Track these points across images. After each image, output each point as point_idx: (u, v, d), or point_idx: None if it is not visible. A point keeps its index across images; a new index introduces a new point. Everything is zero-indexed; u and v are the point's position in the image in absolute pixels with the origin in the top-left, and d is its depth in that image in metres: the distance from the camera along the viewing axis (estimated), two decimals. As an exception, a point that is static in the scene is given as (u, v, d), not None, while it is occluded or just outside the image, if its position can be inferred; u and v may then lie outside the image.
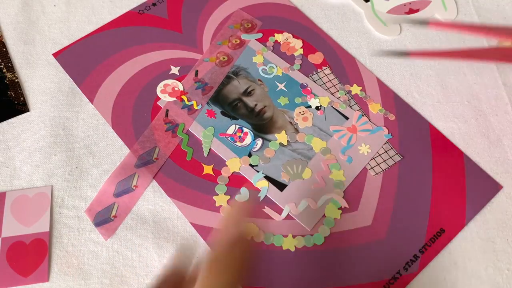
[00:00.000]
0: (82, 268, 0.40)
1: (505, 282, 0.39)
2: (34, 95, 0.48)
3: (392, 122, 0.47)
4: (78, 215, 0.42)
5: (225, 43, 0.52)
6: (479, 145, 0.46)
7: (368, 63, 0.51)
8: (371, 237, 0.41)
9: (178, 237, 0.41)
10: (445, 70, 0.50)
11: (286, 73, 0.50)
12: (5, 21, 0.53)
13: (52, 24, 0.53)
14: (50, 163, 0.44)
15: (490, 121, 0.47)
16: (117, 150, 0.45)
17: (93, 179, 0.44)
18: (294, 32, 0.53)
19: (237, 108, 0.48)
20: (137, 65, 0.50)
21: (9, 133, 0.46)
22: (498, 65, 0.50)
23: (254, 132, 0.46)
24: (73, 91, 0.49)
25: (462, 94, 0.49)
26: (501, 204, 0.43)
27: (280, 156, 0.45)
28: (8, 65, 0.50)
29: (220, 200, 0.43)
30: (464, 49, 0.43)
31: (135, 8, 0.55)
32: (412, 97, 0.48)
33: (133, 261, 0.40)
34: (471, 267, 0.40)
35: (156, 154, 0.45)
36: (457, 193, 0.43)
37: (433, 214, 0.42)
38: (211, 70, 0.50)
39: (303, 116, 0.47)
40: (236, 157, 0.45)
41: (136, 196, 0.43)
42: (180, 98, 0.48)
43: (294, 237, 0.41)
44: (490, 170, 0.44)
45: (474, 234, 0.41)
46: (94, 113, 0.47)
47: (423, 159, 0.45)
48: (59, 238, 0.41)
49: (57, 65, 0.50)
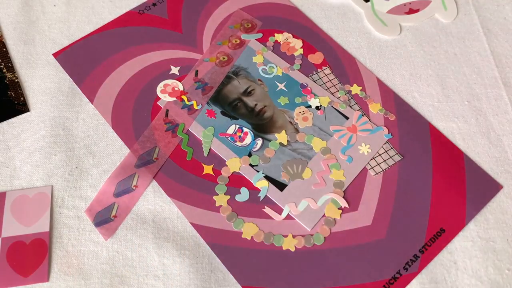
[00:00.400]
0: (82, 268, 0.40)
1: (505, 282, 0.39)
2: (34, 95, 0.48)
3: (392, 122, 0.47)
4: (78, 215, 0.42)
5: (225, 43, 0.52)
6: (479, 145, 0.46)
7: (368, 63, 0.51)
8: (371, 237, 0.41)
9: (178, 237, 0.41)
10: (445, 70, 0.50)
11: (286, 73, 0.50)
12: (5, 21, 0.53)
13: (52, 24, 0.53)
14: (50, 163, 0.44)
15: (490, 121, 0.47)
16: (117, 150, 0.45)
17: (93, 179, 0.44)
18: (294, 32, 0.53)
19: (237, 108, 0.48)
20: (137, 65, 0.50)
21: (9, 133, 0.46)
22: (498, 65, 0.50)
23: (254, 132, 0.46)
24: (73, 91, 0.49)
25: (462, 94, 0.49)
26: (501, 204, 0.43)
27: (280, 156, 0.45)
28: (8, 65, 0.50)
29: (220, 200, 0.43)
30: None
31: (135, 8, 0.55)
32: (412, 97, 0.48)
33: (133, 261, 0.40)
34: (471, 267, 0.40)
35: (156, 154, 0.45)
36: (457, 193, 0.43)
37: (433, 214, 0.42)
38: (211, 70, 0.50)
39: (303, 116, 0.47)
40: (236, 157, 0.45)
41: (136, 196, 0.43)
42: (180, 98, 0.48)
43: (294, 237, 0.41)
44: (490, 170, 0.44)
45: (474, 234, 0.41)
46: (94, 113, 0.47)
47: (423, 159, 0.45)
48: (59, 238, 0.41)
49: (57, 65, 0.50)
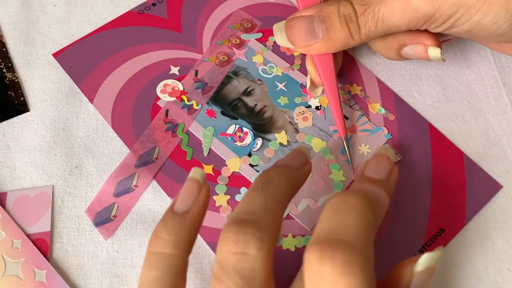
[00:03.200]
0: (82, 268, 0.40)
1: (505, 282, 0.39)
2: (34, 95, 0.48)
3: (392, 122, 0.47)
4: (78, 215, 0.42)
5: (225, 43, 0.52)
6: (479, 145, 0.46)
7: (368, 63, 0.51)
8: (371, 237, 0.41)
9: (178, 237, 0.41)
10: (445, 70, 0.50)
11: (286, 73, 0.50)
12: (5, 21, 0.53)
13: (52, 24, 0.53)
14: (50, 163, 0.44)
15: (490, 121, 0.47)
16: (117, 150, 0.45)
17: (93, 179, 0.44)
18: (294, 32, 0.53)
19: (237, 107, 0.48)
20: (137, 65, 0.50)
21: (9, 133, 0.46)
22: (498, 65, 0.50)
23: (254, 132, 0.46)
24: (73, 91, 0.49)
25: (462, 94, 0.49)
26: (501, 204, 0.43)
27: (280, 156, 0.45)
28: (8, 65, 0.50)
29: (220, 200, 0.43)
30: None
31: (135, 8, 0.55)
32: (412, 97, 0.48)
33: (133, 261, 0.40)
34: (471, 267, 0.40)
35: (156, 154, 0.45)
36: (457, 193, 0.43)
37: (432, 214, 0.42)
38: (211, 70, 0.50)
39: (303, 116, 0.47)
40: (236, 157, 0.45)
41: (136, 196, 0.43)
42: (180, 98, 0.48)
43: (294, 237, 0.41)
44: (490, 170, 0.44)
45: (474, 234, 0.41)
46: (94, 113, 0.47)
47: (423, 159, 0.45)
48: (59, 238, 0.41)
49: (57, 65, 0.50)
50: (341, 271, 0.26)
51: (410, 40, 0.42)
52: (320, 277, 0.27)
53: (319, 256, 0.27)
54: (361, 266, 0.26)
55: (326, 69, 0.42)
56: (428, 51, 0.41)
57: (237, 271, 0.28)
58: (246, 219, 0.30)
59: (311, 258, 0.27)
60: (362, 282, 0.26)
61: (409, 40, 0.42)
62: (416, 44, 0.41)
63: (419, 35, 0.41)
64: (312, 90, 0.47)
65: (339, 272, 0.26)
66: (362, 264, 0.27)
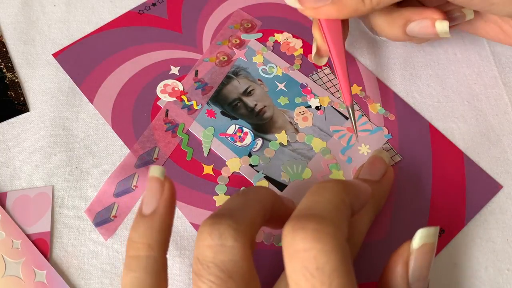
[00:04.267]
0: (82, 268, 0.40)
1: (505, 282, 0.39)
2: (34, 95, 0.48)
3: (392, 122, 0.47)
4: (78, 215, 0.42)
5: (225, 43, 0.52)
6: (479, 145, 0.46)
7: (368, 63, 0.51)
8: (371, 238, 0.41)
9: (178, 237, 0.41)
10: (445, 70, 0.50)
11: (286, 73, 0.50)
12: (5, 21, 0.53)
13: (52, 24, 0.53)
14: (50, 163, 0.44)
15: (490, 121, 0.47)
16: (117, 150, 0.45)
17: (93, 179, 0.44)
18: (294, 32, 0.53)
19: (237, 108, 0.48)
20: (137, 65, 0.50)
21: (9, 133, 0.46)
22: (498, 65, 0.50)
23: (254, 132, 0.46)
24: (73, 91, 0.49)
25: (462, 94, 0.49)
26: (501, 204, 0.43)
27: (280, 156, 0.45)
28: (8, 65, 0.50)
29: (220, 200, 0.43)
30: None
31: (135, 8, 0.55)
32: (412, 97, 0.48)
33: (133, 261, 0.40)
34: (471, 267, 0.40)
35: (156, 154, 0.45)
36: (457, 193, 0.43)
37: (432, 214, 0.42)
38: (211, 70, 0.50)
39: (303, 116, 0.47)
40: (236, 157, 0.45)
41: (136, 196, 0.43)
42: (180, 98, 0.48)
43: (294, 237, 0.41)
44: (490, 170, 0.44)
45: (474, 234, 0.41)
46: (94, 113, 0.47)
47: (423, 159, 0.45)
48: (59, 238, 0.41)
49: (57, 65, 0.50)
50: (312, 238, 0.26)
51: (417, 14, 0.40)
52: (294, 247, 0.27)
53: (291, 228, 0.27)
54: (332, 234, 0.27)
55: (334, 35, 0.41)
56: (435, 25, 0.40)
57: (216, 264, 0.28)
58: (222, 213, 0.30)
59: (285, 232, 0.28)
60: (333, 250, 0.26)
61: (416, 15, 0.40)
62: (423, 19, 0.40)
63: (427, 10, 0.40)
64: (317, 59, 0.46)
65: (310, 240, 0.26)
66: (333, 233, 0.27)
